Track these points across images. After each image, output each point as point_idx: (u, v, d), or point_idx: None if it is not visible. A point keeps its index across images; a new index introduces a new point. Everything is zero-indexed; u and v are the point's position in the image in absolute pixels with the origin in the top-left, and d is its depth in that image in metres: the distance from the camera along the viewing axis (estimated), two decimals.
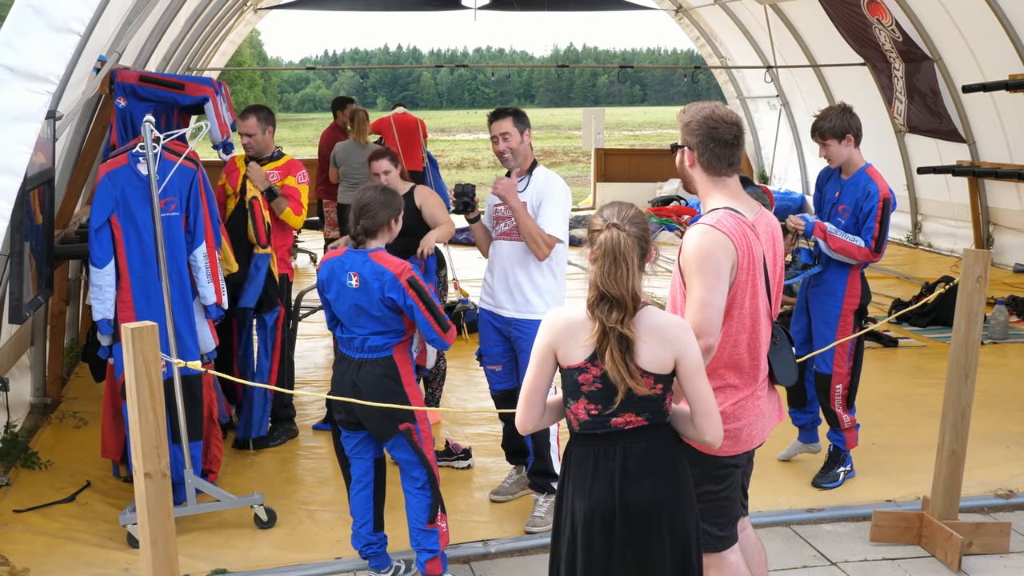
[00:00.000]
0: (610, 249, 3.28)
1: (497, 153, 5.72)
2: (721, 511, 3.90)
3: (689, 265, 3.68)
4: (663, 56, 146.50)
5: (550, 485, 5.71)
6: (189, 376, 5.65)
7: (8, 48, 4.60)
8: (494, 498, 6.00)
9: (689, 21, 19.28)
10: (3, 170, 4.60)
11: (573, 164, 36.20)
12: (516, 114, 5.72)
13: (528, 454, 5.89)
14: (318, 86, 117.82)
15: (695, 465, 3.68)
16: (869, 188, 5.92)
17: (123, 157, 5.56)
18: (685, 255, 3.71)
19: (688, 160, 3.87)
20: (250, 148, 6.96)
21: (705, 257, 3.65)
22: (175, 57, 11.37)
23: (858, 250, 5.90)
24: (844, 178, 6.07)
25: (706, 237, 3.68)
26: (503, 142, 5.65)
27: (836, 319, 6.05)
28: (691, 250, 3.69)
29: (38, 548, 5.36)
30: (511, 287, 5.66)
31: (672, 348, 3.29)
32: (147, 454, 3.85)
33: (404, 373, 4.81)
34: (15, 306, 5.19)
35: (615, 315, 3.25)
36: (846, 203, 6.00)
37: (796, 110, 17.86)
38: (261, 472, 6.48)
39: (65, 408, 7.48)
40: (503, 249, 5.69)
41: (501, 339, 5.76)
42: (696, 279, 3.66)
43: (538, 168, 5.74)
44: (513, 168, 5.68)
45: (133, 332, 3.79)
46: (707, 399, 3.35)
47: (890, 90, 14.52)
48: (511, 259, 5.65)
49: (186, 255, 5.69)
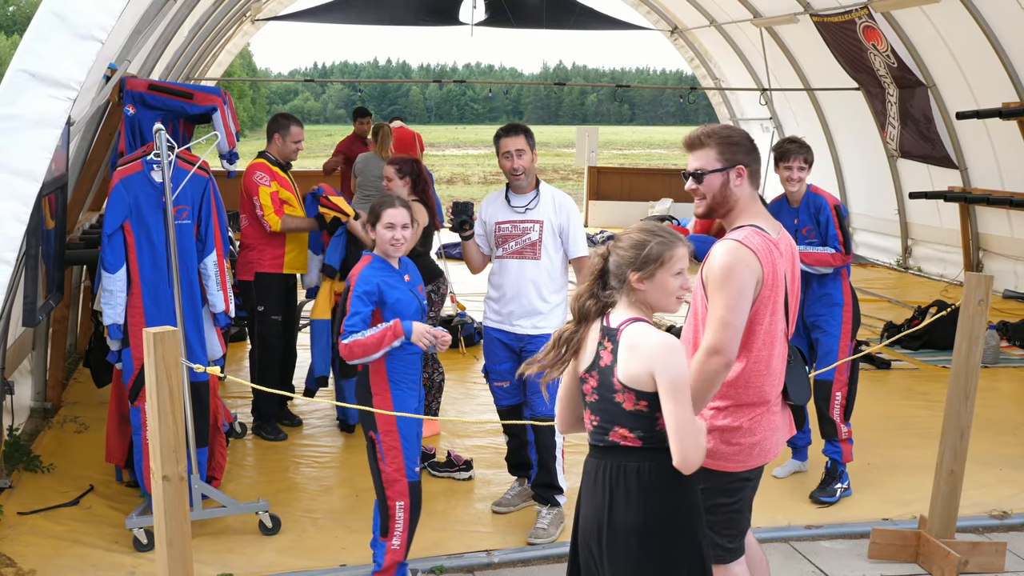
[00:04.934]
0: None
1: (509, 169, 5.70)
2: (731, 524, 3.96)
3: (713, 280, 3.75)
4: (652, 76, 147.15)
5: (554, 497, 5.78)
6: (197, 383, 5.69)
7: (31, 54, 4.66)
8: (496, 509, 6.04)
9: (684, 42, 19.43)
10: (23, 174, 4.65)
11: (563, 182, 36.35)
12: (528, 131, 5.78)
13: (531, 467, 5.96)
14: (307, 98, 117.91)
15: (708, 479, 3.74)
16: (819, 202, 6.33)
17: (137, 164, 5.61)
18: (711, 269, 3.78)
19: (740, 178, 3.90)
20: (297, 156, 7.41)
21: (729, 275, 3.72)
22: (176, 66, 11.43)
23: (832, 256, 6.26)
24: (795, 206, 6.41)
25: (733, 254, 3.75)
26: (517, 159, 5.66)
27: (839, 327, 6.36)
28: (717, 266, 3.76)
29: (44, 551, 5.38)
30: (526, 305, 5.70)
31: (648, 365, 3.30)
32: (165, 457, 3.89)
33: (375, 383, 4.82)
34: (29, 309, 5.23)
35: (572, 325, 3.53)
36: (807, 224, 6.36)
37: (788, 133, 17.99)
38: (264, 479, 6.51)
39: (66, 413, 7.51)
40: (515, 268, 5.70)
41: (510, 355, 5.80)
42: (719, 296, 3.72)
43: (542, 184, 5.82)
44: (523, 185, 5.74)
45: (155, 336, 3.84)
46: (676, 421, 3.27)
47: (883, 115, 14.67)
48: (524, 278, 5.68)
49: (197, 263, 5.75)
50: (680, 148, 44.68)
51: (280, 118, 7.38)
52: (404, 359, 4.85)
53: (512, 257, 5.71)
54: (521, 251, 5.69)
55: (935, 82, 13.32)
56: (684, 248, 3.43)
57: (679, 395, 3.26)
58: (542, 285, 5.69)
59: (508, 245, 5.73)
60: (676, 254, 3.40)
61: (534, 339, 5.68)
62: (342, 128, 68.73)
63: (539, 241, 5.69)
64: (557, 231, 5.70)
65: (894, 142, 14.69)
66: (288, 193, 7.17)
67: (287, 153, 7.27)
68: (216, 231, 5.84)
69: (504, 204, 5.78)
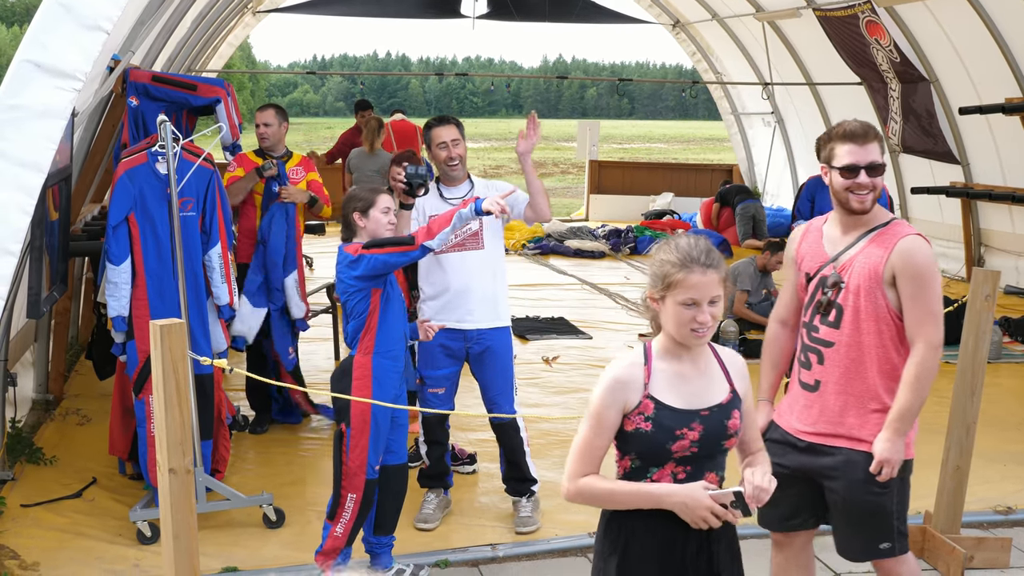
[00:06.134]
0: None
1: (445, 159, 5.60)
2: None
3: (923, 275, 3.80)
4: (652, 70, 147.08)
5: (531, 489, 5.81)
6: (201, 375, 5.68)
7: (37, 45, 4.64)
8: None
9: (686, 36, 19.40)
10: (28, 166, 4.64)
11: (563, 175, 36.34)
12: (459, 122, 5.74)
13: (449, 475, 5.90)
14: (306, 91, 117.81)
15: (905, 468, 3.89)
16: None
17: (142, 156, 5.59)
18: (916, 266, 3.80)
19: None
20: (265, 139, 7.14)
21: (933, 269, 3.81)
22: (179, 58, 11.40)
23: None
24: None
25: (927, 248, 3.85)
26: (453, 148, 5.60)
27: None
28: (923, 260, 3.81)
29: (47, 543, 5.38)
30: (480, 297, 5.59)
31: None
32: (172, 450, 3.89)
33: (358, 376, 4.84)
34: (33, 301, 5.22)
35: None
36: None
37: (790, 127, 18.00)
38: (267, 473, 6.50)
39: (68, 405, 7.49)
40: (457, 261, 5.55)
41: (451, 359, 5.67)
42: (929, 291, 3.79)
43: (471, 175, 5.78)
44: (459, 176, 5.66)
45: (162, 328, 3.83)
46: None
47: (886, 110, 14.65)
48: (471, 270, 5.56)
49: (201, 255, 5.74)
50: (680, 142, 44.50)
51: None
52: (391, 358, 4.90)
53: (453, 251, 5.53)
54: (463, 243, 5.54)
55: (937, 77, 13.30)
56: (702, 277, 3.01)
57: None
58: (492, 275, 5.63)
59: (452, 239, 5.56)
60: (688, 280, 3.01)
61: (488, 333, 5.61)
62: (341, 121, 68.72)
63: (480, 230, 5.59)
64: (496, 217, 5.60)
65: (896, 137, 14.67)
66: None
67: (259, 138, 7.26)
68: (220, 223, 5.83)
69: (437, 198, 5.63)
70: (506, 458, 5.82)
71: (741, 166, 19.91)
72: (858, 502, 3.91)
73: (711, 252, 3.06)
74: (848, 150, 3.86)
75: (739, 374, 3.21)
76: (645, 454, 3.11)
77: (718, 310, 3.07)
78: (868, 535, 3.96)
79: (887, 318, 3.86)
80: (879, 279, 3.82)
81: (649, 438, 3.08)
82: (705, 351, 3.19)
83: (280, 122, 7.18)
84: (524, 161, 5.58)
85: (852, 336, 3.89)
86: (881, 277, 3.82)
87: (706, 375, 3.15)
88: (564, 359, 9.34)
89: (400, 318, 4.93)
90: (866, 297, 3.85)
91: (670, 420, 3.07)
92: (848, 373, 3.92)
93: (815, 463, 3.97)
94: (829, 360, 3.94)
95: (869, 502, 3.90)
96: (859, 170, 3.85)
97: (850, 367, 3.91)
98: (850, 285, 3.88)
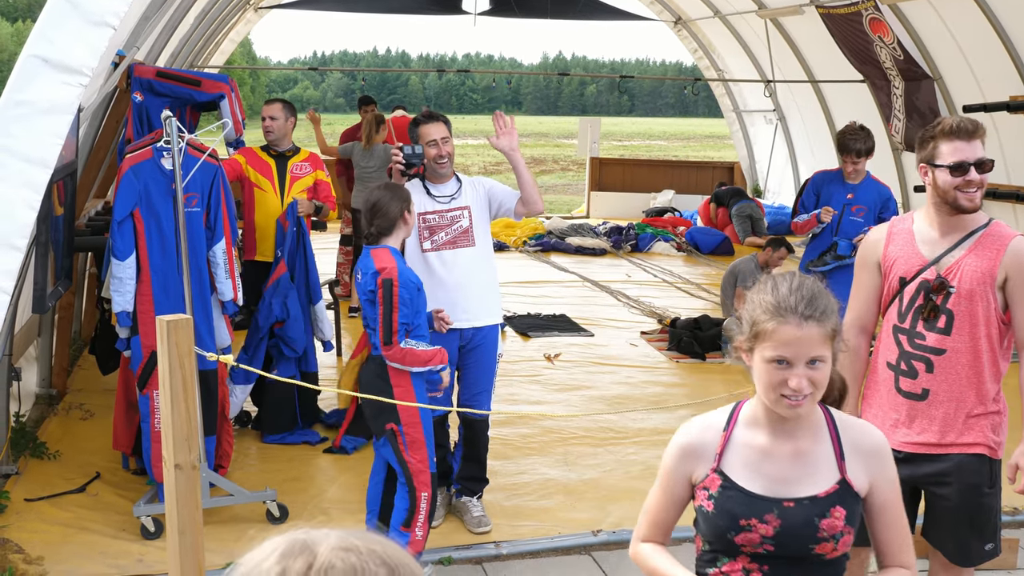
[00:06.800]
0: None
1: (435, 157, 5.56)
2: None
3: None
4: (652, 67, 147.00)
5: (481, 489, 5.80)
6: (205, 371, 5.67)
7: (43, 40, 4.63)
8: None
9: (688, 33, 19.38)
10: (34, 161, 4.63)
11: (563, 172, 36.26)
12: (447, 120, 5.72)
13: (452, 474, 5.87)
14: (306, 87, 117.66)
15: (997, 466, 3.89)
16: (886, 193, 6.59)
17: (147, 151, 5.59)
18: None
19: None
20: (270, 133, 7.14)
21: None
22: (181, 54, 11.39)
23: None
24: (851, 182, 6.59)
25: None
26: (443, 146, 5.57)
27: None
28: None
29: (51, 537, 5.37)
30: (477, 294, 5.56)
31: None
32: (178, 445, 3.88)
33: (394, 374, 4.82)
34: (39, 296, 5.22)
35: None
36: (862, 204, 6.55)
37: (792, 125, 17.97)
38: (270, 468, 6.50)
39: (71, 400, 7.49)
40: (451, 258, 5.53)
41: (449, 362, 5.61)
42: None
43: (457, 172, 5.77)
44: (447, 174, 5.62)
45: (168, 324, 3.83)
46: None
47: (888, 108, 14.64)
48: (466, 266, 5.53)
49: (206, 251, 5.73)
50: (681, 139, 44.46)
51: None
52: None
53: (446, 248, 5.51)
54: (454, 240, 5.53)
55: (941, 75, 13.29)
56: (798, 331, 2.41)
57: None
58: (484, 271, 5.61)
59: (438, 236, 5.55)
60: (780, 333, 2.42)
61: (483, 331, 5.57)
62: (342, 117, 68.61)
63: (471, 227, 5.58)
64: (483, 209, 5.60)
65: (899, 135, 14.66)
66: (260, 176, 7.17)
67: (264, 132, 7.25)
68: (225, 219, 5.82)
69: (425, 195, 5.59)
70: (467, 456, 5.77)
71: (742, 164, 19.89)
72: (972, 505, 3.85)
73: (816, 300, 2.45)
74: (955, 147, 3.74)
75: (862, 458, 2.55)
76: (711, 539, 2.58)
77: (820, 374, 2.44)
78: (978, 537, 3.91)
79: (995, 322, 3.75)
80: (992, 282, 3.71)
81: (710, 521, 2.55)
82: (814, 424, 2.55)
83: (287, 116, 7.19)
84: (511, 157, 5.58)
85: (968, 343, 3.76)
86: (994, 280, 3.70)
87: (804, 457, 2.54)
88: (566, 356, 9.34)
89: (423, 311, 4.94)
90: (980, 302, 3.73)
91: (737, 505, 2.50)
92: (964, 380, 3.80)
93: (916, 472, 3.85)
94: (940, 368, 3.80)
95: (983, 504, 3.86)
96: (969, 167, 3.73)
97: (967, 374, 3.79)
98: (961, 290, 3.73)
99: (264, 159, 7.17)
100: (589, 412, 7.62)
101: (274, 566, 1.22)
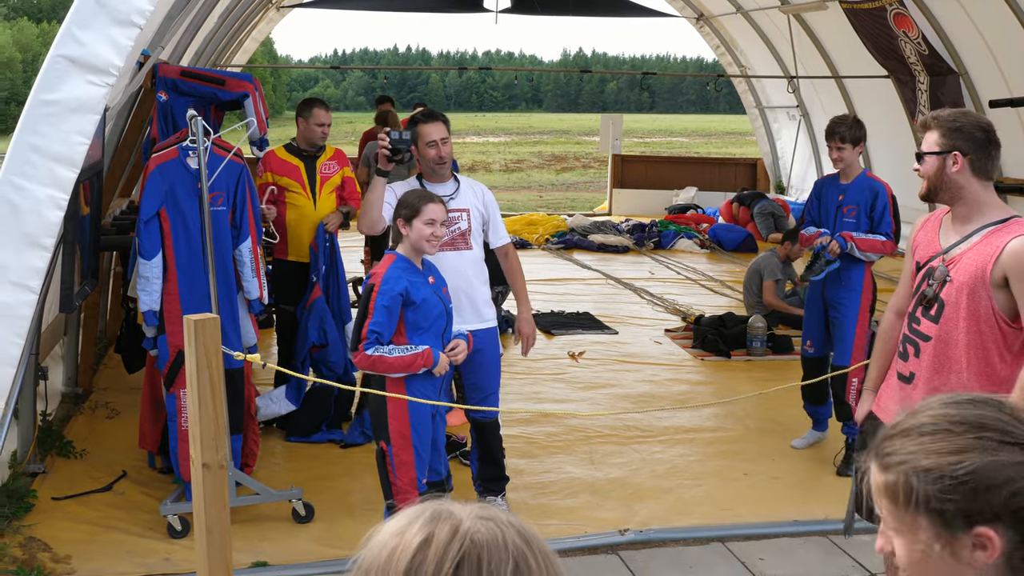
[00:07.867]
0: None
1: (434, 158, 5.45)
2: None
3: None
4: (673, 63, 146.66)
5: (502, 486, 5.78)
6: (231, 370, 5.68)
7: (71, 40, 4.65)
8: None
9: (710, 29, 19.31)
10: (61, 161, 4.65)
11: (585, 170, 36.23)
12: (446, 119, 5.62)
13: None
14: (327, 85, 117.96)
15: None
16: (876, 188, 6.43)
17: (173, 151, 5.59)
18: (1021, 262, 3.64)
19: (956, 165, 3.72)
20: (323, 138, 7.21)
21: None
22: (205, 53, 11.42)
23: (883, 244, 6.39)
24: (844, 182, 6.53)
25: None
26: (443, 147, 5.46)
27: (857, 312, 6.50)
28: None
29: (79, 536, 5.39)
30: (473, 298, 5.51)
31: None
32: (206, 444, 3.89)
33: (388, 387, 4.81)
34: (66, 295, 5.24)
35: None
36: (852, 204, 6.45)
37: (815, 121, 17.88)
38: (296, 467, 6.51)
39: (97, 398, 7.53)
40: (458, 260, 5.44)
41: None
42: None
43: (457, 173, 5.72)
44: (445, 174, 5.53)
45: (196, 324, 3.84)
46: None
47: (913, 103, 14.55)
48: (462, 269, 5.45)
49: (231, 249, 5.74)
50: (703, 136, 44.64)
51: (304, 103, 7.33)
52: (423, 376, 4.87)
53: (445, 249, 5.36)
54: (453, 242, 5.43)
55: (967, 70, 13.19)
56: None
57: None
58: (479, 275, 5.56)
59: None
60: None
61: (483, 334, 5.50)
62: (363, 115, 68.78)
63: (469, 230, 5.51)
64: (480, 218, 5.55)
65: None
66: (290, 180, 7.10)
67: (311, 137, 7.18)
68: (251, 218, 5.83)
69: None
70: (482, 458, 5.75)
71: (765, 160, 19.80)
72: None
73: None
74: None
75: None
76: None
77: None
78: None
79: (990, 320, 3.68)
80: (985, 279, 3.66)
81: None
82: None
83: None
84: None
85: (946, 333, 3.76)
86: (988, 277, 3.65)
87: None
88: (590, 354, 9.31)
89: (439, 322, 4.91)
90: (969, 295, 3.70)
91: None
92: (935, 369, 3.79)
93: None
94: (924, 354, 3.85)
95: None
96: (918, 157, 3.86)
97: (938, 364, 3.79)
98: (955, 280, 3.73)
99: (291, 161, 7.14)
100: (614, 410, 7.59)
101: (419, 532, 1.28)
